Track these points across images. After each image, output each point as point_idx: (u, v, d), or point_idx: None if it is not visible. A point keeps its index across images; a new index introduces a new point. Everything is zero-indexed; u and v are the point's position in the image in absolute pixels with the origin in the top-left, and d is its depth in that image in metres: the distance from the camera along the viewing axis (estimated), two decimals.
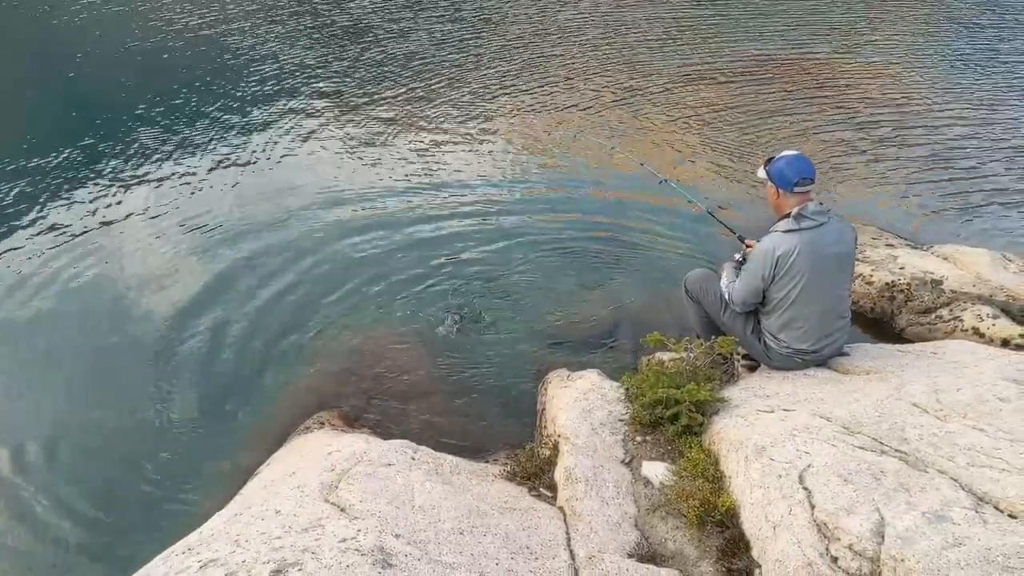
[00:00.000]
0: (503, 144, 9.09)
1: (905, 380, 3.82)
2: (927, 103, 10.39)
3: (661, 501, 3.47)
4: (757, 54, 12.39)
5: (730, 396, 4.07)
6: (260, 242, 6.93)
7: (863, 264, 5.81)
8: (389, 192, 7.89)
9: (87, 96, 11.27)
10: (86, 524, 4.23)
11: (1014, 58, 12.48)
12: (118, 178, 8.27)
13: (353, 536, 2.80)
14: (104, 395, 5.13)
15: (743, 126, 9.47)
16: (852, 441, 3.20)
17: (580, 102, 10.40)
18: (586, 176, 8.27)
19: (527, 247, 6.81)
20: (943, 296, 5.33)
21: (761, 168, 4.19)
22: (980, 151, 8.84)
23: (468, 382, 5.19)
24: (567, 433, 3.95)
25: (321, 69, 11.91)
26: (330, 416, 4.76)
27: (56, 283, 6.34)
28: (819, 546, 2.68)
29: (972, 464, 2.92)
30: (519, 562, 2.94)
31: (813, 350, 4.09)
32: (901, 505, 2.70)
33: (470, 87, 11.06)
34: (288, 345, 5.57)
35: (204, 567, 2.60)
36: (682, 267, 5.95)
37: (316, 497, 3.17)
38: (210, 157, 8.86)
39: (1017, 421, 3.21)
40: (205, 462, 4.61)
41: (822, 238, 3.89)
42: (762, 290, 4.05)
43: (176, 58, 12.65)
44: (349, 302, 6.04)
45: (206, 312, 5.93)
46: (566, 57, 12.46)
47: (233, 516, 3.14)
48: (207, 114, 10.19)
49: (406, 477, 3.42)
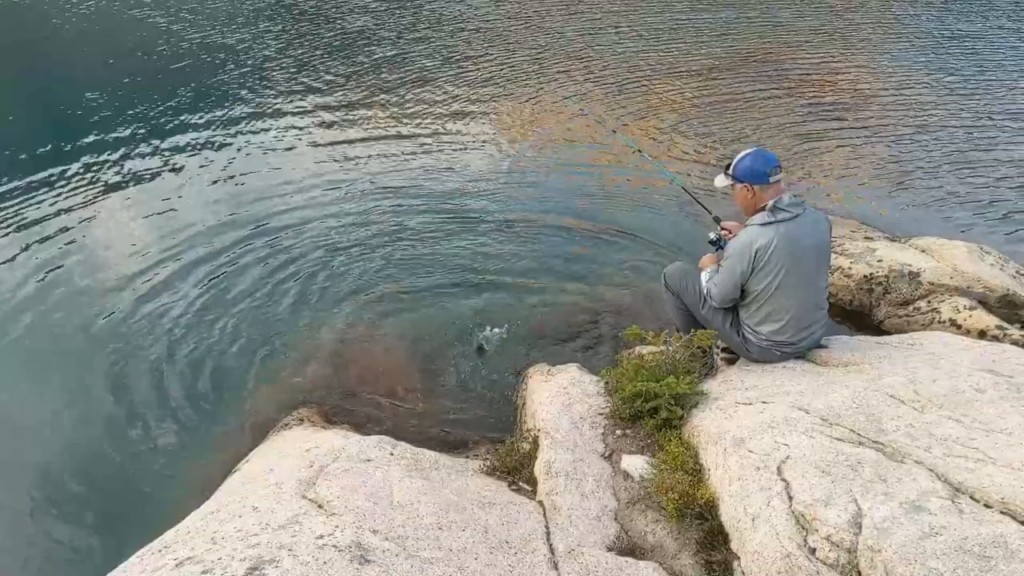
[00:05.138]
0: (480, 141, 9.09)
1: (883, 372, 3.84)
2: (903, 96, 10.48)
3: (641, 494, 3.47)
4: (732, 48, 12.46)
5: (709, 389, 4.07)
6: (238, 241, 6.87)
7: (842, 257, 5.83)
8: (367, 189, 7.86)
9: (60, 97, 11.13)
10: (62, 522, 4.17)
11: (989, 47, 12.62)
12: (92, 177, 8.20)
13: (330, 532, 2.77)
14: (79, 393, 5.06)
15: (718, 118, 9.54)
16: (830, 433, 3.21)
17: (557, 96, 10.42)
18: (563, 171, 8.25)
19: (506, 242, 6.80)
20: (921, 288, 5.37)
21: (720, 176, 4.14)
22: (958, 143, 8.93)
23: (448, 377, 5.16)
24: (547, 427, 3.94)
25: (299, 72, 11.87)
26: (309, 413, 4.73)
27: (29, 282, 6.25)
28: (797, 537, 2.69)
29: (949, 454, 2.93)
30: (498, 557, 2.93)
31: (791, 342, 4.10)
32: (878, 496, 2.71)
33: (448, 83, 11.06)
34: (267, 342, 5.51)
35: (180, 565, 2.57)
36: (661, 261, 5.98)
37: (294, 494, 3.15)
38: (189, 157, 8.81)
39: (993, 412, 3.23)
40: (183, 459, 4.56)
41: (799, 229, 3.89)
42: (741, 286, 4.05)
43: (161, 61, 12.55)
44: (328, 299, 6.00)
45: (184, 310, 5.86)
46: (536, 52, 12.49)
47: (210, 513, 3.10)
48: (188, 115, 10.14)
49: (384, 473, 3.40)
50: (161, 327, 5.67)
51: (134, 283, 6.23)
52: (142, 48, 12.93)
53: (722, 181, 4.15)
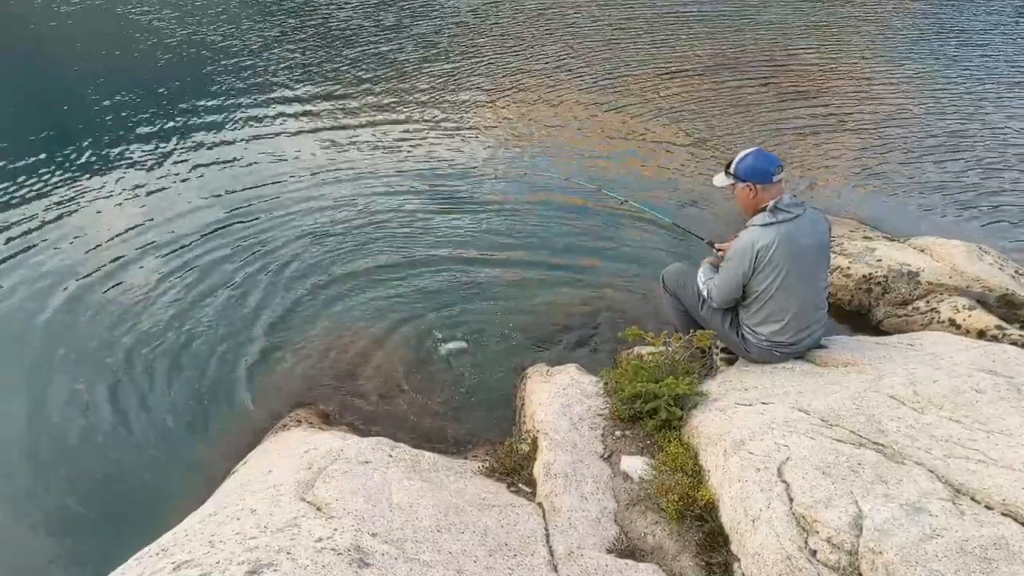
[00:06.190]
0: (477, 141, 9.07)
1: (883, 372, 3.83)
2: (900, 97, 10.48)
3: (640, 496, 3.46)
4: (732, 50, 12.45)
5: (709, 390, 4.07)
6: (233, 240, 6.84)
7: (841, 257, 5.83)
8: (362, 189, 7.83)
9: (56, 95, 11.10)
10: (58, 526, 4.15)
11: (989, 49, 12.62)
12: (79, 176, 8.16)
13: (329, 535, 2.76)
14: (76, 396, 5.03)
15: (717, 119, 9.53)
16: (830, 434, 3.20)
17: (553, 96, 10.40)
18: (560, 171, 8.22)
19: (504, 243, 6.78)
20: (920, 288, 5.36)
21: (721, 175, 4.13)
22: (954, 143, 8.92)
23: (446, 378, 5.14)
24: (546, 428, 3.93)
25: (295, 69, 11.85)
26: (307, 414, 4.71)
27: (22, 287, 6.19)
28: (798, 539, 2.68)
29: (949, 456, 2.93)
30: (498, 559, 2.92)
31: (791, 343, 4.09)
32: (879, 497, 2.71)
33: (443, 83, 11.05)
34: (265, 343, 5.49)
35: (178, 568, 2.55)
36: (660, 261, 5.96)
37: (292, 496, 3.13)
38: (180, 155, 8.77)
39: (993, 412, 3.23)
40: (181, 461, 4.54)
41: (799, 230, 3.88)
42: (742, 287, 4.04)
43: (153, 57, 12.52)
44: (325, 299, 5.97)
45: (180, 311, 5.83)
46: (537, 52, 12.47)
47: (208, 516, 3.09)
48: (179, 112, 10.10)
49: (383, 475, 3.38)
50: (158, 327, 5.64)
51: (128, 283, 6.19)
52: (128, 43, 12.86)
53: (722, 180, 4.14)
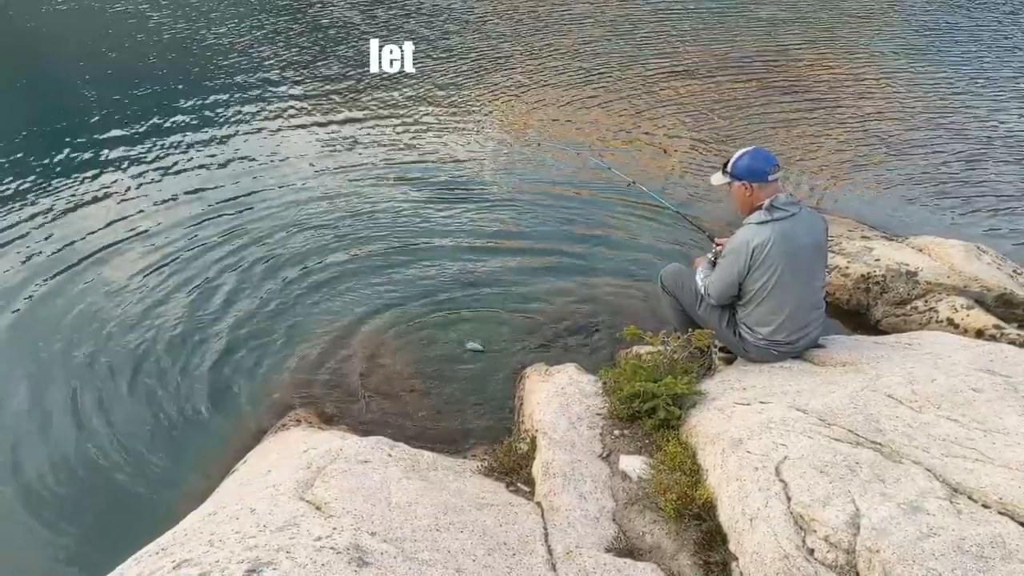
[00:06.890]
0: (477, 138, 9.05)
1: (880, 371, 3.84)
2: (898, 96, 10.47)
3: (639, 495, 3.47)
4: (735, 50, 12.44)
5: (707, 389, 4.07)
6: (230, 239, 6.82)
7: (839, 256, 5.84)
8: (361, 187, 7.82)
9: (44, 91, 11.05)
10: (57, 525, 4.14)
11: (987, 50, 12.62)
12: (79, 176, 8.08)
13: (328, 534, 2.77)
14: (74, 395, 5.03)
15: (719, 119, 9.52)
16: (828, 433, 3.21)
17: (556, 95, 10.39)
18: (560, 170, 8.24)
19: (502, 241, 6.78)
20: (918, 287, 5.37)
21: (718, 174, 4.14)
22: (951, 142, 8.92)
23: (446, 377, 5.15)
24: (545, 428, 3.94)
25: (288, 66, 11.82)
26: (306, 414, 4.71)
27: (22, 289, 6.16)
28: (795, 538, 2.69)
29: (946, 455, 2.94)
30: (496, 558, 2.92)
31: (789, 342, 4.10)
32: (876, 496, 2.71)
33: (446, 80, 11.02)
34: (264, 342, 5.49)
35: (177, 567, 2.56)
36: (658, 261, 5.97)
37: (291, 495, 3.14)
38: (178, 156, 8.67)
39: (990, 411, 3.24)
40: (180, 461, 4.54)
41: (795, 228, 3.90)
42: (738, 283, 4.05)
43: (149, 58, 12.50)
44: (324, 298, 5.97)
45: (178, 310, 5.83)
46: (530, 48, 12.46)
47: (207, 515, 3.09)
48: (177, 112, 10.05)
49: (382, 474, 3.39)
50: (156, 326, 5.63)
51: (128, 283, 6.18)
52: (120, 42, 12.81)
53: (719, 179, 4.15)
